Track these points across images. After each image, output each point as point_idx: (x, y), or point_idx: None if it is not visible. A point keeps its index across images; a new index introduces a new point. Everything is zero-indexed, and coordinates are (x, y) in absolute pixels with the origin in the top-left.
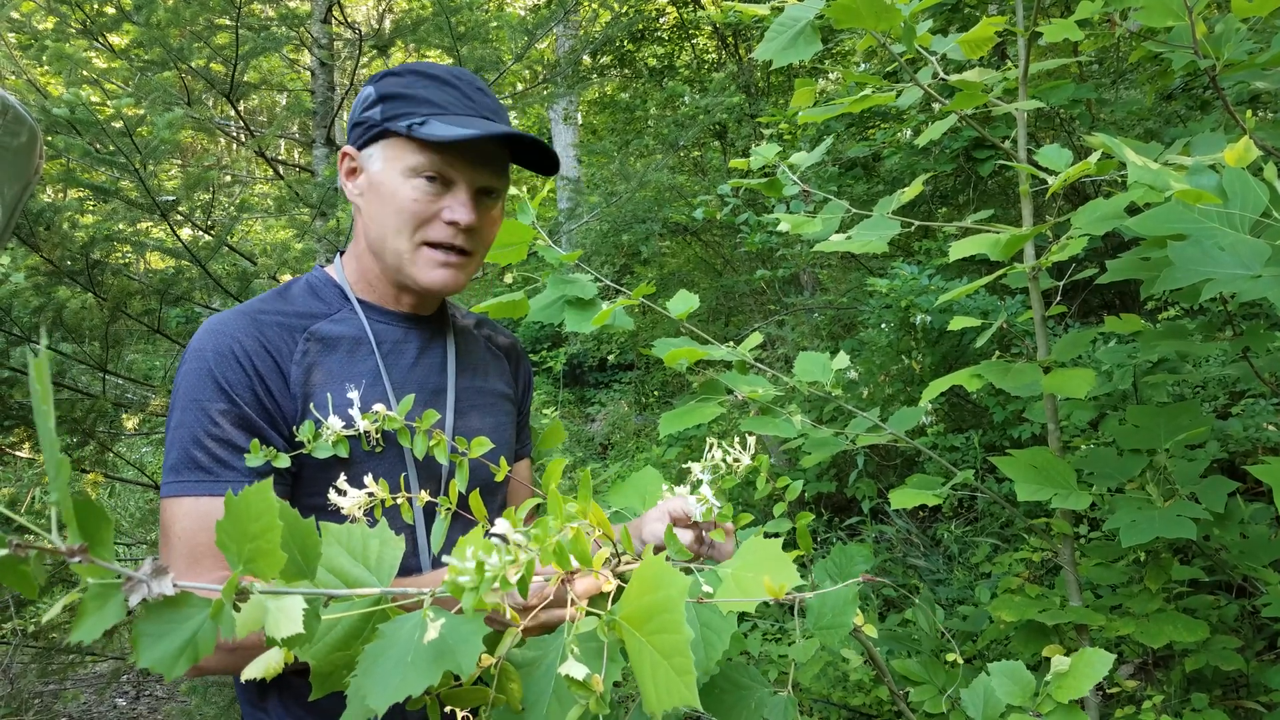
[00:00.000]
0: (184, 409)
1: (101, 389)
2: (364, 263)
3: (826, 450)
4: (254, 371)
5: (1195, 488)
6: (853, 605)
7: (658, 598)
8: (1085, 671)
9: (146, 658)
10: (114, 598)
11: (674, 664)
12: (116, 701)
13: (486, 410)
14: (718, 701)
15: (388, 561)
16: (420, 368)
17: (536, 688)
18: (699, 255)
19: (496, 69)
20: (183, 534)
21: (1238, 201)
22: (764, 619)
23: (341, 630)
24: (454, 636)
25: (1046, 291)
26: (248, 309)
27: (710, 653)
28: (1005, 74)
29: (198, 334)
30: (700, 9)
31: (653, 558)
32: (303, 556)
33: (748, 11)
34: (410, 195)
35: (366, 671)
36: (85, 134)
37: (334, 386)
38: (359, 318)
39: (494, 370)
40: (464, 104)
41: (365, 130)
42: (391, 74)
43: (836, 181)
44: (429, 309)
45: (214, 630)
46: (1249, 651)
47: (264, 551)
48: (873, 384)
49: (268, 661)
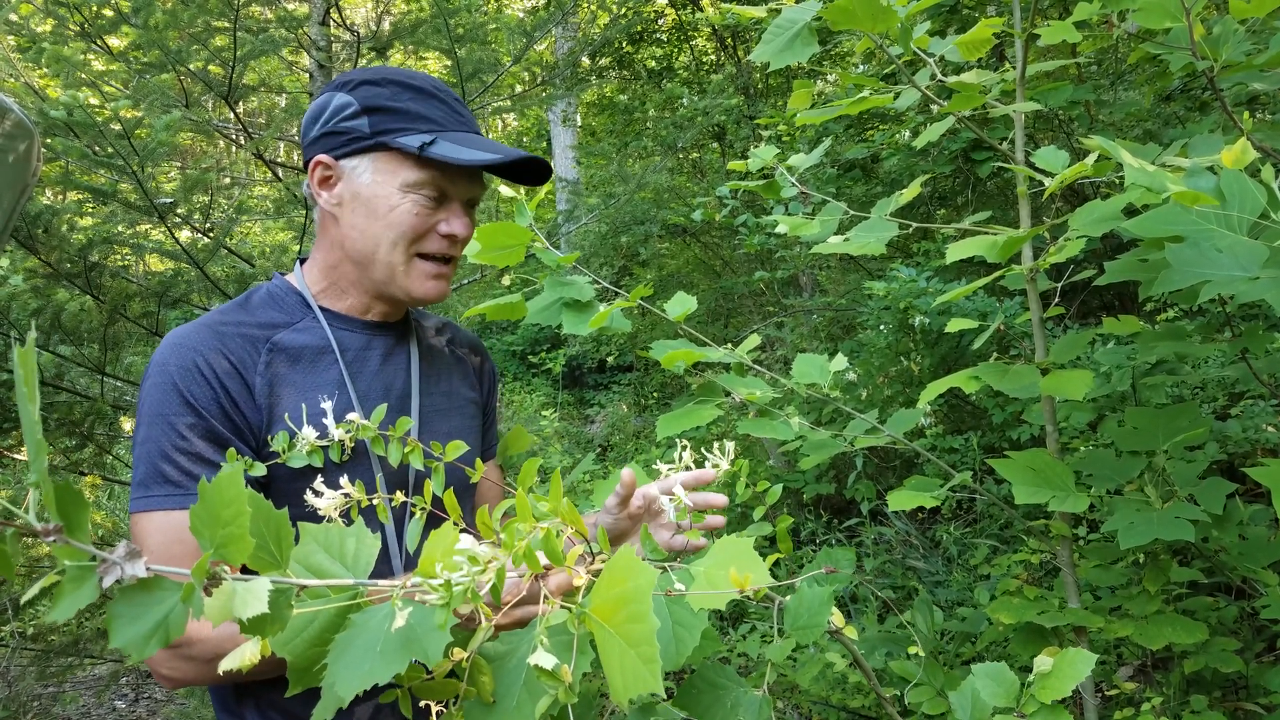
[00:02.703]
0: (150, 424)
1: (100, 391)
2: (341, 271)
3: (825, 452)
4: (218, 384)
5: (1194, 489)
6: (828, 604)
7: (626, 588)
8: (1068, 672)
9: (118, 638)
10: (89, 579)
11: (640, 653)
12: (115, 704)
13: (452, 413)
14: (695, 701)
15: (364, 559)
16: (384, 374)
17: (508, 680)
18: (698, 257)
19: (495, 71)
20: (156, 548)
21: (1235, 203)
22: (762, 620)
23: (319, 626)
24: (422, 625)
25: (1045, 293)
26: (209, 321)
27: (681, 649)
28: (1003, 75)
29: (160, 348)
30: (699, 11)
31: (623, 550)
32: (275, 547)
33: (745, 13)
34: (410, 210)
35: (336, 660)
36: (83, 136)
37: (298, 396)
38: (322, 326)
39: (457, 373)
40: (455, 119)
41: (348, 141)
42: (369, 83)
43: (835, 183)
44: (396, 316)
45: (185, 613)
46: (1248, 653)
47: (234, 537)
48: (871, 386)
49: (243, 654)
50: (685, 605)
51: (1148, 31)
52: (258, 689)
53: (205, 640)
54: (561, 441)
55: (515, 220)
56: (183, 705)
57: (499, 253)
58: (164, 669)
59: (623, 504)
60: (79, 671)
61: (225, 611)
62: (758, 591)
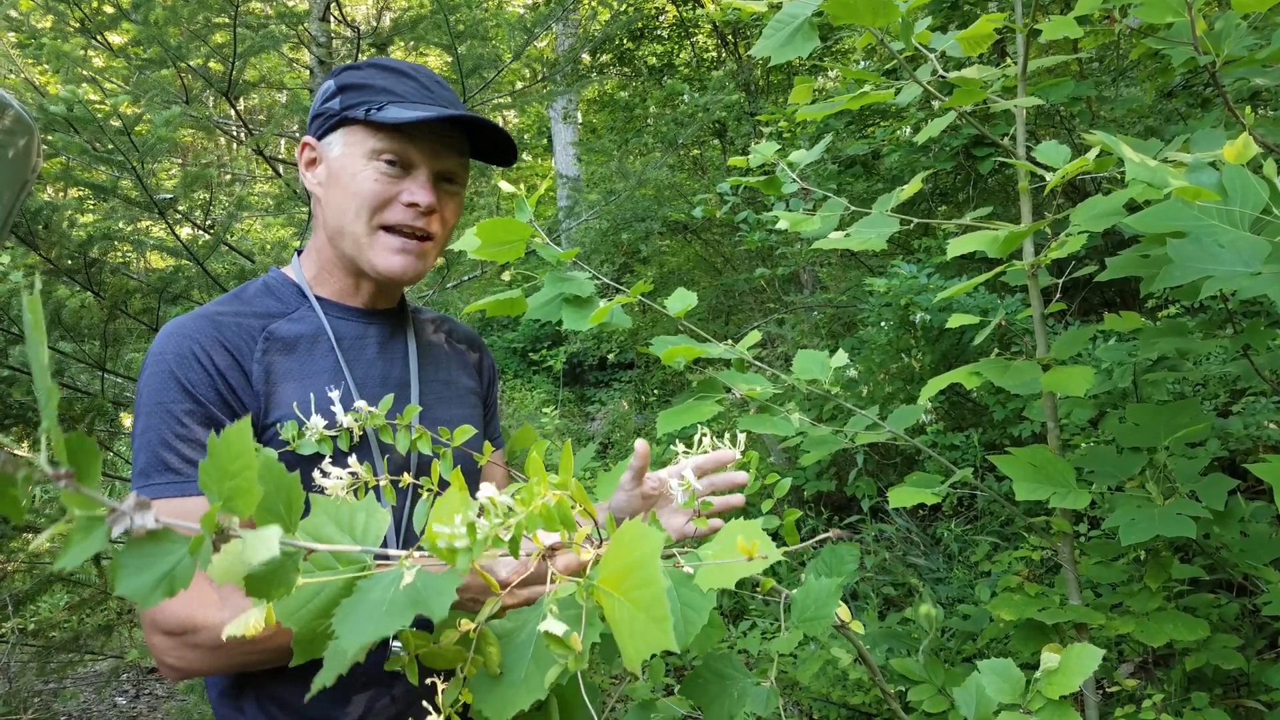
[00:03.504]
0: (149, 413)
1: (100, 388)
2: (323, 255)
3: (825, 448)
4: (215, 370)
5: (1195, 486)
6: (835, 597)
7: (634, 556)
8: (1075, 667)
9: (124, 587)
10: (98, 529)
11: (651, 614)
12: (116, 700)
13: (453, 402)
14: (701, 691)
15: (373, 532)
16: (382, 362)
17: (515, 654)
18: (699, 253)
19: (495, 67)
20: None
21: (1237, 198)
22: (763, 617)
23: (324, 598)
24: (427, 586)
25: (1046, 289)
26: (205, 311)
27: (690, 629)
28: (1004, 71)
29: (157, 339)
30: (699, 7)
31: (629, 522)
32: (285, 508)
33: (746, 9)
34: (370, 177)
35: (343, 619)
36: (83, 132)
37: (295, 384)
38: (317, 315)
39: (456, 364)
40: (421, 93)
41: (325, 120)
42: (351, 68)
43: (836, 179)
44: (388, 301)
45: (192, 565)
46: (1250, 650)
47: (241, 489)
48: (872, 382)
49: (248, 620)
50: (693, 586)
51: (1149, 27)
52: (259, 681)
53: (210, 627)
54: (562, 438)
55: (515, 216)
56: (183, 701)
57: (499, 248)
58: (169, 658)
59: (637, 478)
60: (79, 667)
61: (233, 568)
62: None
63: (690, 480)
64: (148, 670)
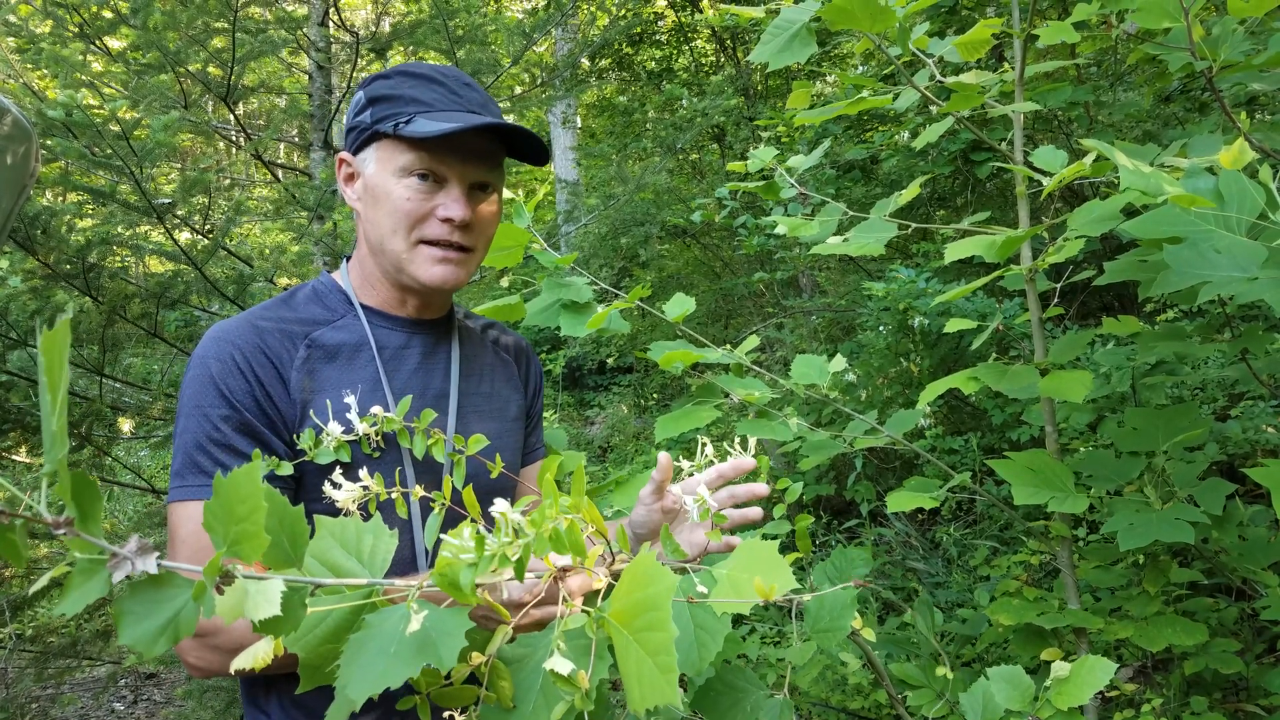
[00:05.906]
0: (188, 415)
1: (99, 393)
2: (366, 267)
3: (824, 453)
4: (255, 378)
5: (1194, 490)
6: (851, 608)
7: (646, 594)
8: (1087, 679)
9: (127, 635)
10: (99, 573)
11: (658, 662)
12: (114, 706)
13: (491, 415)
14: (713, 704)
15: (380, 555)
16: (422, 373)
17: (525, 684)
18: (698, 258)
19: (494, 72)
20: (188, 537)
21: (1234, 204)
22: (762, 622)
23: (332, 623)
24: (437, 630)
25: (1044, 293)
26: (250, 316)
27: (704, 654)
28: (1002, 76)
29: (201, 342)
30: (698, 13)
31: (644, 554)
32: (290, 545)
33: (745, 14)
34: (403, 195)
35: (349, 662)
36: (82, 137)
37: (333, 393)
38: (361, 324)
39: (501, 375)
40: (450, 99)
41: (358, 135)
42: (380, 77)
43: (834, 184)
44: (435, 312)
45: (196, 611)
46: (1249, 654)
47: (249, 534)
48: (871, 387)
49: (256, 653)
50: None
51: (1147, 32)
52: (282, 683)
53: (230, 630)
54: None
55: (514, 221)
56: (181, 707)
57: (497, 254)
58: (190, 657)
59: (658, 492)
60: (77, 673)
61: (237, 610)
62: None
63: (705, 497)
64: (146, 676)
